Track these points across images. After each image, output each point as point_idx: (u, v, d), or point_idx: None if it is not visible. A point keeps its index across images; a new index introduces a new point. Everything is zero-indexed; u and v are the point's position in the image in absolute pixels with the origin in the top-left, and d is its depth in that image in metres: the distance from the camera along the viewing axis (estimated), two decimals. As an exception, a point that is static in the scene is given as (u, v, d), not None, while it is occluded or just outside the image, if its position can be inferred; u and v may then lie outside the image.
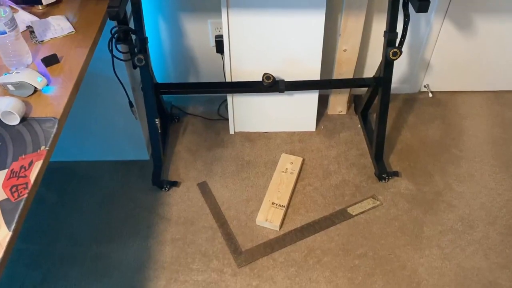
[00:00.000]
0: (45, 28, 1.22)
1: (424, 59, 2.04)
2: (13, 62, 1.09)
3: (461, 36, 1.96)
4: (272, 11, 1.66)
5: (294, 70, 1.82)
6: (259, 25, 1.70)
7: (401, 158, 1.89)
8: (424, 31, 1.93)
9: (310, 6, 1.65)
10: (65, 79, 1.08)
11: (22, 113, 0.97)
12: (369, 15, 1.84)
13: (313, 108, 1.95)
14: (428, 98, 2.15)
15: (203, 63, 2.04)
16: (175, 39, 1.94)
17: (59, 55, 1.14)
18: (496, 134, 1.98)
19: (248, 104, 1.93)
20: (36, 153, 0.91)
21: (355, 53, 1.87)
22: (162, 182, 1.79)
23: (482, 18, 1.89)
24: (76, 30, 1.24)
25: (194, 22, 1.88)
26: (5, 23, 1.02)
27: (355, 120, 2.07)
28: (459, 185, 1.79)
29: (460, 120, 2.04)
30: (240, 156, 1.92)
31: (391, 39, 1.57)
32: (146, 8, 1.81)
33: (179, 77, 2.09)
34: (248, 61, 1.80)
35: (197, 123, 2.06)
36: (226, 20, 1.68)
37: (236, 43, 1.75)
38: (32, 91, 1.03)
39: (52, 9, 1.31)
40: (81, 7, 1.32)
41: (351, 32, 1.80)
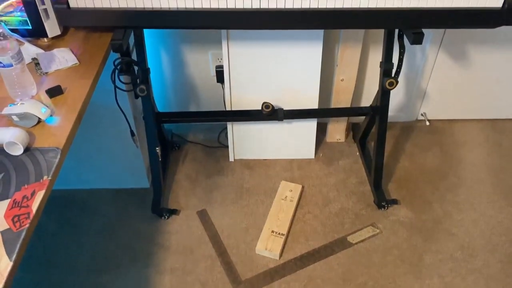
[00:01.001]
0: (50, 60, 1.26)
1: (421, 88, 2.08)
2: (18, 93, 1.12)
3: (456, 66, 2.00)
4: (271, 42, 1.71)
5: (292, 99, 1.85)
6: (258, 56, 1.74)
7: (400, 185, 1.90)
8: (419, 61, 1.97)
9: (308, 38, 1.69)
10: (68, 110, 1.11)
11: (26, 143, 0.99)
12: (365, 46, 1.89)
13: (312, 136, 1.98)
14: (425, 126, 2.17)
15: (203, 92, 2.07)
16: (176, 69, 1.98)
17: (63, 86, 1.17)
18: (493, 162, 2.00)
19: (247, 132, 1.96)
20: (38, 183, 0.92)
21: (352, 82, 1.91)
22: (161, 210, 1.79)
23: (476, 49, 1.94)
24: (80, 62, 1.27)
25: (195, 53, 1.93)
26: (12, 56, 1.05)
27: (353, 148, 2.09)
28: (458, 213, 1.79)
29: (458, 148, 2.06)
30: (239, 183, 1.93)
31: (387, 70, 1.60)
32: (148, 40, 1.86)
33: (180, 105, 2.12)
34: (247, 90, 1.83)
35: (197, 151, 2.08)
36: (227, 51, 1.72)
37: (236, 73, 1.79)
38: (36, 121, 1.05)
39: (57, 42, 1.35)
40: (85, 40, 1.36)
41: (348, 63, 1.85)
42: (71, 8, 1.27)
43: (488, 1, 1.27)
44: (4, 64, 1.05)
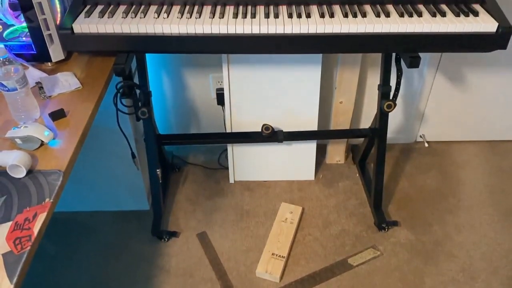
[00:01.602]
0: (54, 84, 1.28)
1: (419, 110, 2.10)
2: (22, 117, 1.13)
3: (454, 88, 2.03)
4: (271, 66, 1.74)
5: (292, 121, 1.87)
6: (258, 79, 1.77)
7: (400, 207, 1.90)
8: (417, 83, 2.00)
9: (307, 61, 1.72)
10: (71, 133, 1.12)
11: (28, 166, 1.00)
12: (363, 69, 1.92)
13: (312, 157, 1.99)
14: (424, 148, 2.19)
15: (204, 114, 2.09)
16: (177, 92, 2.01)
17: (66, 110, 1.18)
18: (493, 183, 2.00)
19: (247, 153, 1.97)
20: (40, 205, 0.93)
21: (351, 105, 1.93)
22: (161, 232, 1.79)
23: (473, 71, 1.97)
24: (83, 85, 1.29)
25: (196, 76, 1.96)
26: (17, 81, 1.07)
27: (353, 169, 2.10)
28: (459, 234, 1.79)
29: (457, 170, 2.07)
30: (239, 205, 1.93)
31: (385, 92, 1.63)
32: (150, 63, 1.89)
33: (180, 127, 2.14)
34: (247, 112, 1.86)
35: (198, 172, 2.09)
36: (227, 74, 1.75)
37: (236, 96, 1.81)
38: (39, 144, 1.07)
39: (61, 66, 1.38)
40: (89, 64, 1.39)
41: (346, 85, 1.87)
42: (75, 34, 1.30)
43: (483, 26, 1.30)
44: (9, 88, 1.07)
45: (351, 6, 1.36)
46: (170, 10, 1.34)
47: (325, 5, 1.37)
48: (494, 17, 1.32)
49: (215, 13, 1.33)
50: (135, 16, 1.32)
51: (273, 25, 1.29)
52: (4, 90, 1.08)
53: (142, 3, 1.37)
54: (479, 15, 1.33)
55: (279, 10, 1.36)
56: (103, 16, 1.32)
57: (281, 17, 1.32)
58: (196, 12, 1.33)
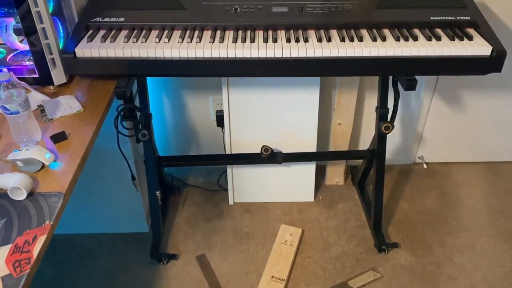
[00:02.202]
0: (55, 107, 1.30)
1: (417, 132, 2.11)
2: (23, 140, 1.15)
3: (451, 109, 2.05)
4: (270, 88, 1.76)
5: (291, 142, 1.89)
6: (257, 101, 1.79)
7: (400, 229, 1.90)
8: (415, 105, 2.02)
9: (305, 83, 1.75)
10: (71, 155, 1.13)
11: (29, 188, 1.01)
12: (361, 91, 1.94)
13: (311, 179, 1.99)
14: (423, 169, 2.20)
15: (204, 136, 2.11)
16: (177, 114, 2.03)
17: (67, 132, 1.20)
18: (492, 204, 2.00)
19: (247, 175, 1.98)
20: (40, 227, 0.93)
21: (349, 126, 1.95)
22: (160, 255, 1.78)
23: (470, 93, 2.00)
24: (84, 108, 1.31)
25: (196, 98, 1.98)
26: (19, 104, 1.09)
27: (352, 190, 2.10)
28: (459, 256, 1.78)
29: (456, 191, 2.08)
30: (239, 227, 1.92)
31: (382, 114, 1.64)
32: (151, 85, 1.92)
33: (180, 149, 2.15)
34: (247, 134, 1.87)
35: (197, 194, 2.09)
36: (227, 96, 1.77)
37: (235, 117, 1.83)
38: (40, 167, 1.07)
39: (63, 89, 1.40)
40: (90, 87, 1.41)
41: (344, 107, 1.89)
42: (78, 58, 1.32)
43: (477, 50, 1.33)
44: (12, 112, 1.09)
45: (348, 31, 1.39)
46: (171, 35, 1.37)
47: (322, 29, 1.40)
48: (488, 41, 1.34)
49: (215, 38, 1.36)
50: (137, 41, 1.34)
51: (272, 49, 1.32)
52: (7, 113, 1.10)
53: (143, 28, 1.40)
54: (473, 39, 1.35)
55: (278, 34, 1.39)
56: (105, 41, 1.35)
57: (280, 42, 1.35)
58: (196, 37, 1.36)
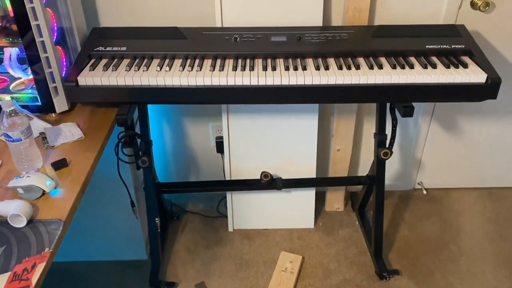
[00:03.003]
0: (57, 134, 1.31)
1: (416, 158, 2.13)
2: (25, 167, 1.15)
3: (449, 136, 2.07)
4: (269, 114, 1.78)
5: (291, 168, 1.89)
6: (257, 127, 1.81)
7: (401, 255, 1.88)
8: (413, 131, 2.04)
9: (304, 110, 1.77)
10: (72, 182, 1.14)
11: (29, 215, 1.01)
12: (359, 118, 1.96)
13: (311, 205, 1.99)
14: (422, 195, 2.20)
15: (203, 162, 2.12)
16: (177, 140, 2.04)
17: (68, 159, 1.21)
18: (492, 230, 2.00)
19: (247, 201, 1.97)
20: (39, 255, 0.93)
21: (348, 152, 1.96)
22: (159, 283, 1.76)
23: (467, 119, 2.02)
24: (85, 135, 1.32)
25: (196, 125, 2.00)
26: (22, 132, 1.10)
27: (353, 216, 2.09)
28: (461, 283, 1.76)
29: (456, 217, 2.07)
30: (239, 254, 1.91)
31: (381, 140, 1.66)
32: (151, 112, 1.94)
33: (180, 175, 2.16)
34: (246, 160, 1.88)
35: (196, 221, 2.08)
36: (226, 123, 1.79)
37: (235, 144, 1.84)
38: (40, 193, 1.08)
39: (65, 117, 1.42)
40: (92, 114, 1.43)
41: (343, 133, 1.91)
42: (80, 86, 1.35)
43: (473, 77, 1.35)
44: (14, 139, 1.10)
45: (345, 59, 1.42)
46: (172, 64, 1.40)
47: (320, 58, 1.43)
48: (483, 68, 1.37)
49: (216, 66, 1.39)
50: (138, 69, 1.37)
51: (271, 77, 1.35)
52: (9, 141, 1.11)
53: (145, 57, 1.43)
54: (468, 67, 1.38)
55: (277, 63, 1.42)
56: (107, 69, 1.37)
57: (278, 70, 1.38)
58: (197, 65, 1.39)
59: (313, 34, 1.51)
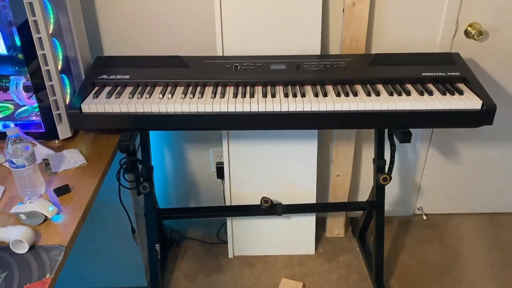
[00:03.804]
0: (60, 161, 1.33)
1: (415, 183, 2.13)
2: (28, 193, 1.17)
3: (448, 161, 2.09)
4: (269, 140, 1.81)
5: (291, 193, 1.90)
6: (257, 153, 1.83)
7: (402, 282, 1.87)
8: (411, 157, 2.06)
9: (303, 136, 1.79)
10: (74, 208, 1.15)
11: (31, 241, 1.02)
12: (358, 143, 1.98)
13: (311, 230, 1.99)
14: (423, 221, 2.19)
15: (203, 188, 2.13)
16: (178, 166, 2.06)
17: (71, 185, 1.22)
18: (493, 256, 1.99)
19: (247, 227, 1.97)
20: (41, 281, 0.93)
21: (348, 178, 1.97)
22: (159, 310, 1.74)
23: (465, 145, 2.04)
24: (88, 161, 1.34)
25: (196, 151, 2.02)
26: (26, 158, 1.12)
27: (353, 242, 2.08)
28: (464, 310, 1.74)
29: (457, 243, 2.06)
30: (239, 282, 1.89)
31: (380, 166, 1.67)
32: (152, 138, 1.96)
33: (180, 201, 2.16)
34: (247, 185, 1.89)
35: (196, 247, 2.07)
36: (227, 149, 1.81)
37: (236, 169, 1.86)
38: (42, 220, 1.09)
39: (68, 143, 1.44)
40: (94, 141, 1.45)
41: (342, 159, 1.93)
42: (83, 113, 1.37)
43: (468, 104, 1.38)
44: (18, 165, 1.12)
45: (343, 86, 1.45)
46: (174, 91, 1.43)
47: (318, 85, 1.47)
48: (478, 95, 1.40)
49: (217, 93, 1.42)
50: (141, 97, 1.40)
51: (271, 103, 1.37)
52: (13, 167, 1.13)
53: (148, 85, 1.46)
54: (464, 94, 1.41)
55: (276, 90, 1.45)
56: (110, 97, 1.40)
57: (278, 97, 1.41)
58: (198, 92, 1.42)
59: (312, 62, 1.55)
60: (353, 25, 1.65)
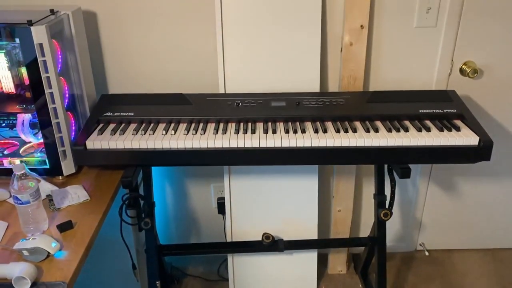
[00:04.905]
0: (63, 197, 1.34)
1: (416, 218, 2.13)
2: (31, 229, 1.17)
3: (448, 196, 2.09)
4: (270, 175, 1.82)
5: (292, 229, 1.90)
6: (258, 188, 1.84)
7: (406, 320, 1.84)
8: (412, 192, 2.07)
9: (304, 171, 1.81)
10: (77, 244, 1.15)
11: (34, 278, 1.02)
12: (358, 179, 2.00)
13: (313, 267, 1.97)
14: (425, 257, 2.18)
15: (204, 224, 2.12)
16: (179, 201, 2.06)
17: (74, 221, 1.23)
18: (498, 293, 1.96)
19: (248, 264, 1.95)
20: (42, 319, 0.92)
21: (349, 213, 1.98)
22: None
23: (465, 180, 2.05)
24: (91, 197, 1.35)
25: (198, 186, 2.03)
26: (31, 194, 1.14)
27: (356, 279, 2.06)
28: None
29: (461, 279, 2.04)
30: (240, 320, 1.86)
31: (380, 201, 1.68)
32: (154, 174, 1.97)
33: (180, 236, 2.15)
34: (248, 221, 1.89)
35: (197, 285, 2.05)
36: (228, 184, 1.82)
37: (237, 205, 1.86)
38: (45, 256, 1.09)
39: (71, 179, 1.45)
40: (98, 177, 1.47)
41: (343, 194, 1.94)
42: (88, 150, 1.40)
43: (466, 140, 1.41)
44: (23, 201, 1.13)
45: (342, 122, 1.48)
46: (177, 128, 1.46)
47: (318, 121, 1.50)
48: (475, 131, 1.43)
49: (219, 130, 1.45)
50: (145, 133, 1.43)
51: (272, 139, 1.40)
52: (18, 203, 1.14)
53: (151, 122, 1.50)
54: (461, 130, 1.44)
55: (277, 126, 1.48)
56: (115, 134, 1.43)
57: (279, 133, 1.44)
58: (201, 129, 1.45)
59: (311, 99, 1.59)
60: (351, 63, 1.70)
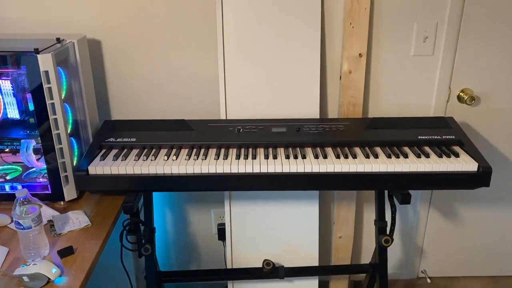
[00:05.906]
0: (64, 222, 1.34)
1: (417, 245, 2.12)
2: (32, 254, 1.17)
3: (449, 223, 2.09)
4: (271, 201, 1.82)
5: (293, 256, 1.88)
6: (259, 214, 1.83)
7: None
8: (412, 218, 2.06)
9: (305, 197, 1.81)
10: (77, 270, 1.15)
11: (33, 304, 1.01)
12: (359, 205, 2.00)
13: (314, 295, 1.95)
14: (427, 284, 2.15)
15: (204, 250, 2.11)
16: (179, 227, 2.06)
17: (75, 247, 1.23)
18: (502, 321, 1.93)
19: (248, 291, 1.93)
20: None
21: (350, 239, 1.97)
22: None
23: (465, 206, 2.05)
24: (92, 223, 1.35)
25: (198, 212, 2.02)
26: (32, 219, 1.14)
27: (357, 307, 2.03)
28: None
29: (464, 307, 2.01)
30: None
31: (381, 227, 1.68)
32: (154, 200, 1.97)
33: (180, 263, 2.13)
34: (248, 247, 1.88)
35: (197, 313, 2.02)
36: (229, 210, 1.82)
37: (237, 231, 1.86)
38: (45, 282, 1.09)
39: (73, 204, 1.46)
40: (99, 202, 1.47)
41: (344, 220, 1.93)
42: (90, 175, 1.41)
43: (464, 166, 1.42)
44: (24, 227, 1.13)
45: (342, 148, 1.50)
46: (179, 153, 1.48)
47: (318, 147, 1.51)
48: (473, 157, 1.44)
49: (220, 155, 1.46)
50: (147, 159, 1.44)
51: (272, 165, 1.41)
52: (19, 228, 1.14)
53: (153, 147, 1.51)
54: (459, 156, 1.46)
55: (277, 152, 1.49)
56: (117, 159, 1.44)
57: (279, 158, 1.45)
58: (202, 154, 1.47)
59: (311, 126, 1.61)
60: (350, 91, 1.73)
